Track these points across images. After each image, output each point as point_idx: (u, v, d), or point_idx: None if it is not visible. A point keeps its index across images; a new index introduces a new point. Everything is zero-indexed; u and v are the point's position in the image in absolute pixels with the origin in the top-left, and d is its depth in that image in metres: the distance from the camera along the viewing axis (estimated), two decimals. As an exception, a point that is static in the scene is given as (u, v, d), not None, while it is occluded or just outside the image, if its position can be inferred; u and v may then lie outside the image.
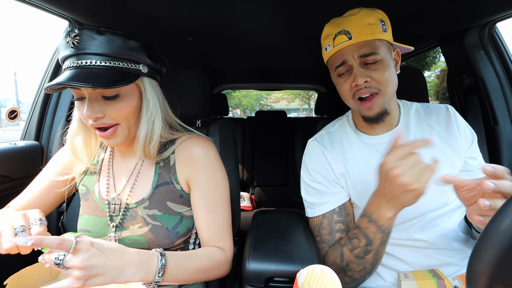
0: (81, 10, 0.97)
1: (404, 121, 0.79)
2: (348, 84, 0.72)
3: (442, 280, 0.62)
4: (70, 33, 0.59)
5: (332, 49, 0.72)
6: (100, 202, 0.73)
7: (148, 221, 0.70)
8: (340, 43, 0.70)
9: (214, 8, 1.00)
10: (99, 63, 0.59)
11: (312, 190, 0.81)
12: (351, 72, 0.71)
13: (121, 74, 0.61)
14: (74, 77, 0.57)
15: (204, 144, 0.74)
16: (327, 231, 0.78)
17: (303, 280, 0.59)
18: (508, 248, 0.25)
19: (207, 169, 0.72)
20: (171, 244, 0.71)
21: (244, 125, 2.41)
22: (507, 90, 1.14)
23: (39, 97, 1.11)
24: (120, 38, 0.60)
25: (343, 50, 0.71)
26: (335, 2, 0.94)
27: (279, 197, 2.26)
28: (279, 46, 1.50)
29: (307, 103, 22.90)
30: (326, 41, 0.74)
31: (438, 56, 9.08)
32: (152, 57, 0.67)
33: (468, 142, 0.77)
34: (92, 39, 0.58)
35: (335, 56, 0.73)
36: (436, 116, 0.79)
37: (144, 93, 0.67)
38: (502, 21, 1.08)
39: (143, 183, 0.73)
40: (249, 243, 0.78)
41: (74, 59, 0.59)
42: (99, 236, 0.71)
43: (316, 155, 0.82)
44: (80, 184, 0.78)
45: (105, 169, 0.77)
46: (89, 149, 0.75)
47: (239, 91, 19.79)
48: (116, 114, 0.64)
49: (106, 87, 0.57)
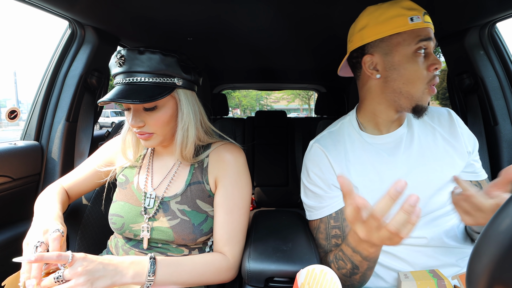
0: (81, 10, 0.97)
1: (408, 122, 0.79)
2: (425, 66, 0.68)
3: (442, 281, 0.62)
4: (116, 54, 0.69)
5: (422, 22, 0.67)
6: (137, 192, 0.81)
7: (178, 215, 0.76)
8: (430, 22, 0.68)
9: (214, 8, 1.00)
10: (141, 79, 0.68)
11: (310, 194, 0.81)
12: (428, 55, 0.68)
13: (158, 89, 0.69)
14: (119, 94, 0.67)
15: (235, 151, 0.81)
16: (323, 236, 0.78)
17: (303, 280, 0.59)
18: (508, 248, 0.25)
19: (233, 173, 0.78)
20: (194, 241, 0.75)
21: (244, 125, 2.41)
22: (507, 90, 1.14)
23: (39, 97, 1.11)
24: (157, 55, 0.68)
25: (430, 31, 0.68)
26: (335, 2, 0.94)
27: (279, 197, 2.26)
28: (279, 46, 1.50)
29: (307, 103, 22.92)
30: (414, 12, 0.67)
31: (438, 56, 9.07)
32: (188, 70, 0.73)
33: (473, 146, 0.79)
34: (135, 58, 0.68)
35: (423, 30, 0.67)
36: (438, 118, 0.80)
37: (179, 103, 0.74)
38: (502, 21, 1.08)
39: (178, 180, 0.80)
40: (249, 243, 0.78)
41: (122, 76, 0.69)
42: (130, 223, 0.77)
43: (318, 157, 0.81)
44: (121, 174, 0.86)
45: (145, 165, 0.85)
46: (136, 149, 0.84)
47: (239, 91, 19.81)
48: (154, 123, 0.72)
49: (143, 102, 0.65)
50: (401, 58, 0.68)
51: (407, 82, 0.69)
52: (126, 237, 0.79)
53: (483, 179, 0.79)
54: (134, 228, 0.76)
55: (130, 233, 0.77)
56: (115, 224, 0.78)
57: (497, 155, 1.13)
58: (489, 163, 1.14)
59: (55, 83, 1.11)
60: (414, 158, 0.75)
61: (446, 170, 0.73)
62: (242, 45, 1.46)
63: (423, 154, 0.75)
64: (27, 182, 1.02)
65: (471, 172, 0.78)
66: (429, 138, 0.77)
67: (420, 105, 0.70)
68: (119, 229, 0.78)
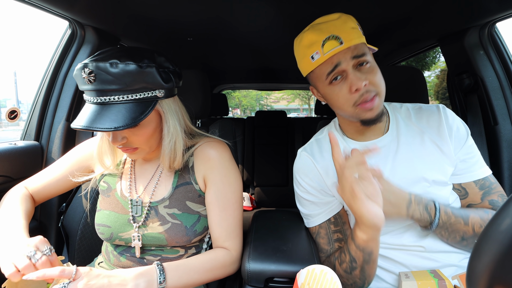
0: (81, 10, 0.97)
1: (394, 126, 0.76)
2: (345, 90, 0.67)
3: (443, 281, 0.62)
4: (84, 69, 0.59)
5: (322, 56, 0.67)
6: (122, 200, 0.77)
7: (168, 220, 0.73)
8: (332, 48, 0.65)
9: (214, 8, 1.00)
10: (117, 99, 0.60)
11: (305, 202, 0.81)
12: (346, 77, 0.67)
13: (138, 107, 0.62)
14: (94, 119, 0.59)
15: (219, 146, 0.78)
16: (325, 241, 0.78)
17: (303, 280, 0.59)
18: (508, 248, 0.25)
19: (221, 168, 0.76)
20: (188, 242, 0.74)
21: (244, 125, 2.41)
22: (507, 90, 1.14)
23: (39, 97, 1.11)
24: (133, 69, 0.59)
25: (336, 56, 0.66)
26: (335, 2, 0.94)
27: (279, 197, 2.26)
28: (279, 46, 1.51)
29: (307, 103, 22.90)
30: (312, 49, 0.68)
31: (438, 56, 9.08)
32: (168, 77, 0.66)
33: (461, 142, 0.73)
34: (107, 74, 0.58)
35: (325, 64, 0.67)
36: (427, 119, 0.76)
37: (163, 115, 0.69)
38: (502, 21, 1.08)
39: (164, 183, 0.77)
40: (249, 243, 0.78)
41: (94, 94, 0.61)
42: (119, 232, 0.74)
43: (306, 166, 0.80)
44: (102, 181, 0.81)
45: (127, 170, 0.80)
46: (113, 156, 0.78)
47: (239, 91, 19.79)
48: (138, 139, 0.67)
49: (126, 127, 0.59)
50: (323, 90, 0.72)
51: (336, 108, 0.73)
52: (116, 244, 0.77)
53: (468, 181, 0.73)
54: (124, 237, 0.74)
55: (121, 241, 0.75)
56: (103, 234, 0.75)
57: (497, 155, 1.12)
58: (489, 163, 1.14)
59: (55, 83, 1.11)
60: (400, 168, 0.72)
61: (434, 177, 0.71)
62: (242, 45, 1.46)
63: (409, 163, 0.72)
64: (27, 182, 1.02)
65: (453, 174, 0.73)
66: (416, 144, 0.73)
67: (363, 120, 0.69)
68: (108, 238, 0.75)
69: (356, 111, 0.68)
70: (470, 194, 0.73)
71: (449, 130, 0.73)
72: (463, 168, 0.73)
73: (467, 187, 0.74)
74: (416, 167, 0.71)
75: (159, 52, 0.68)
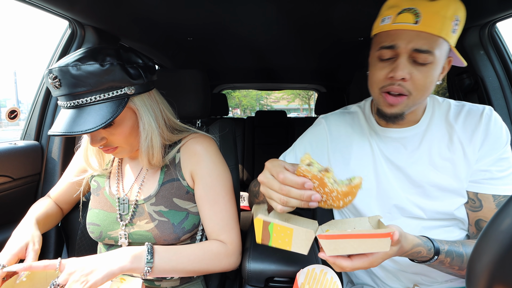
0: (81, 10, 0.97)
1: (425, 121, 0.71)
2: (384, 73, 0.62)
3: None
4: (48, 74, 0.59)
5: (390, 24, 0.60)
6: (110, 198, 0.77)
7: (154, 217, 0.73)
8: (403, 22, 0.58)
9: (214, 8, 1.00)
10: (89, 100, 0.60)
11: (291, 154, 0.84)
12: (395, 60, 0.61)
13: (109, 106, 0.62)
14: (69, 123, 0.60)
15: (205, 141, 0.78)
16: None
17: (303, 280, 0.59)
18: (508, 248, 0.25)
19: (208, 163, 0.75)
20: (177, 240, 0.73)
21: (244, 125, 2.41)
22: (507, 90, 1.14)
23: (39, 97, 1.11)
24: (95, 70, 0.58)
25: (401, 32, 0.59)
26: (335, 2, 0.94)
27: (279, 197, 2.25)
28: (279, 46, 1.50)
29: (307, 103, 22.90)
30: (389, 12, 0.61)
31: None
32: (137, 72, 0.64)
33: (493, 151, 0.66)
34: (71, 77, 0.58)
35: (388, 34, 0.61)
36: (465, 119, 0.69)
37: (137, 112, 0.68)
38: (502, 21, 1.08)
39: (150, 181, 0.77)
40: (249, 243, 0.78)
41: (64, 99, 0.61)
42: (108, 230, 0.75)
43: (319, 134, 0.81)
44: (93, 180, 0.82)
45: (115, 168, 0.81)
46: (100, 158, 0.79)
47: (239, 91, 19.78)
48: (116, 138, 0.67)
49: (99, 127, 0.59)
50: (371, 59, 0.68)
51: (369, 83, 0.68)
52: (106, 244, 0.78)
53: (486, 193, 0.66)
54: (112, 235, 0.75)
55: (110, 240, 0.75)
56: (93, 233, 0.76)
57: (497, 155, 1.12)
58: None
59: (55, 83, 1.11)
60: (415, 164, 0.69)
61: (445, 180, 0.67)
62: (242, 45, 1.46)
63: (424, 165, 0.69)
64: (27, 182, 1.02)
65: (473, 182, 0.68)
66: (443, 143, 0.69)
67: (380, 109, 0.67)
68: (97, 237, 0.76)
69: (379, 97, 0.65)
70: (484, 208, 0.67)
71: (484, 135, 0.66)
72: (485, 178, 0.66)
73: (483, 199, 0.67)
74: (429, 172, 0.68)
75: (127, 47, 0.67)
